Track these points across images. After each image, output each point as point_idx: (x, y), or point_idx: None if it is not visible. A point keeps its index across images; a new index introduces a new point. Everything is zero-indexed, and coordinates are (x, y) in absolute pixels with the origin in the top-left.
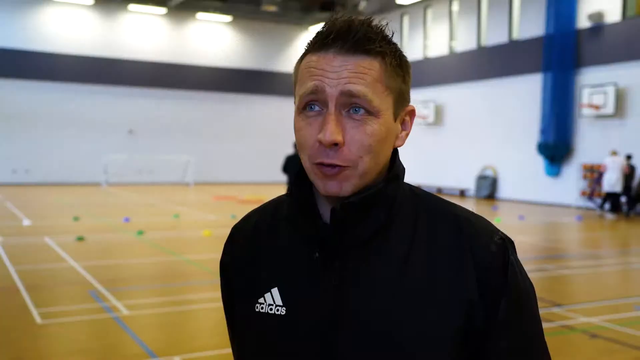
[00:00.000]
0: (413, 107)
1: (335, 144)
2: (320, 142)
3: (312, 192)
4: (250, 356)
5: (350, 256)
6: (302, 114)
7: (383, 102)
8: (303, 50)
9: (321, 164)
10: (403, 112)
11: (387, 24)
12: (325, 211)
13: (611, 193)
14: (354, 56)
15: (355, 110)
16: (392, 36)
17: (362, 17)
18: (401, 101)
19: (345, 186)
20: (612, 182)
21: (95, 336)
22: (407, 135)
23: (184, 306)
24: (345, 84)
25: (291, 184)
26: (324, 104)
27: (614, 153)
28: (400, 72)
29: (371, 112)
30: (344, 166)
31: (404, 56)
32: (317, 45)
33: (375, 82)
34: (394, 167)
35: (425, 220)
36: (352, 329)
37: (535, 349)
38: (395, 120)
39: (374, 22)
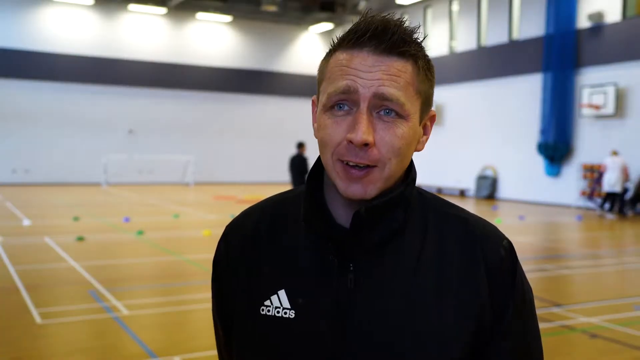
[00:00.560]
0: (434, 112)
1: (366, 144)
2: (350, 142)
3: (324, 194)
4: (252, 358)
5: (364, 259)
6: (329, 112)
7: (413, 106)
8: (331, 46)
9: (347, 164)
10: (426, 117)
11: (419, 26)
12: (339, 212)
13: (611, 193)
14: (388, 57)
15: (387, 112)
16: (424, 39)
17: (396, 18)
18: (427, 105)
19: (370, 190)
20: (612, 182)
21: (95, 336)
22: (427, 140)
23: (184, 306)
24: (379, 86)
25: (297, 184)
26: (355, 103)
27: (615, 153)
28: (430, 76)
29: (401, 115)
30: (372, 166)
31: (431, 60)
32: (350, 42)
33: (408, 86)
34: (412, 170)
35: (434, 222)
36: (364, 333)
37: (534, 350)
38: (420, 124)
39: (406, 24)
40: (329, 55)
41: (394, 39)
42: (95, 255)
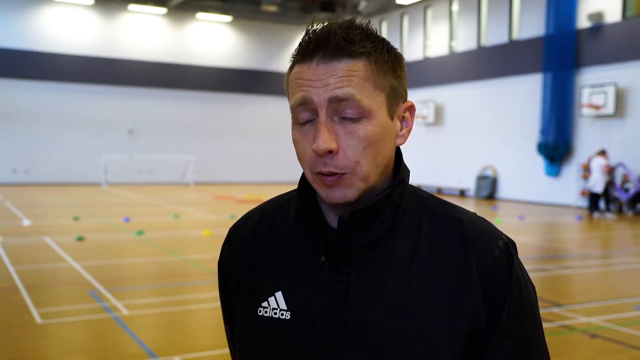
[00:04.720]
0: (411, 102)
1: (330, 152)
2: (314, 152)
3: (316, 197)
4: (251, 359)
5: (356, 261)
6: (297, 125)
7: (374, 102)
8: (291, 59)
9: (320, 174)
10: (400, 109)
11: (369, 22)
12: (330, 215)
13: (593, 193)
14: (338, 61)
15: (348, 115)
16: (376, 32)
17: (341, 20)
18: (395, 97)
19: (349, 192)
20: (590, 183)
21: (95, 336)
22: (408, 132)
23: (184, 306)
24: (332, 90)
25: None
26: (315, 113)
27: (600, 153)
28: (389, 68)
29: (363, 114)
30: (342, 173)
31: (393, 52)
32: (300, 55)
33: (363, 83)
34: (400, 170)
35: (429, 222)
36: (358, 333)
37: (536, 352)
38: (392, 118)
39: (355, 23)
40: (290, 69)
41: (337, 42)
42: (95, 255)
